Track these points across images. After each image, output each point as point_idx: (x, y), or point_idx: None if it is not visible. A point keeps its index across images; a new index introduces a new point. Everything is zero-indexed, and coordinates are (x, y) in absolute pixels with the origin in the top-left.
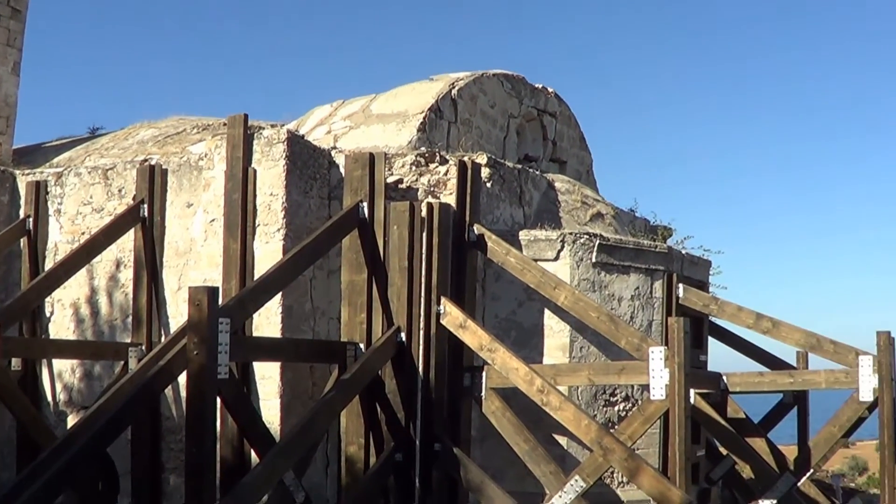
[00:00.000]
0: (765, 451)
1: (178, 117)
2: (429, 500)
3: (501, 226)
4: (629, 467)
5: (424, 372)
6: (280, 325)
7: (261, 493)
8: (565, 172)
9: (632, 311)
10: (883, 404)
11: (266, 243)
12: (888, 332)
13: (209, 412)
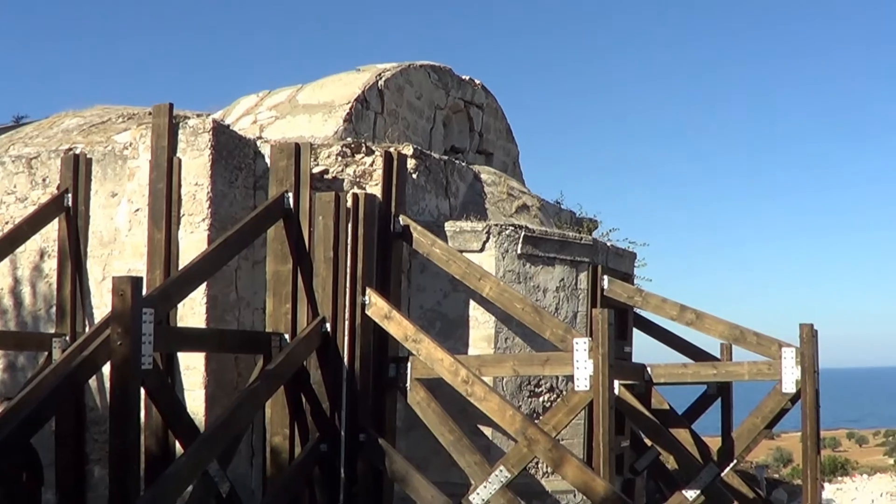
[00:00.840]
0: (689, 442)
1: (104, 106)
2: (354, 490)
3: (427, 217)
4: (553, 458)
5: (349, 362)
6: (205, 316)
7: (185, 483)
8: (492, 164)
9: (557, 302)
10: (805, 396)
11: (191, 233)
12: (811, 324)
13: (133, 403)
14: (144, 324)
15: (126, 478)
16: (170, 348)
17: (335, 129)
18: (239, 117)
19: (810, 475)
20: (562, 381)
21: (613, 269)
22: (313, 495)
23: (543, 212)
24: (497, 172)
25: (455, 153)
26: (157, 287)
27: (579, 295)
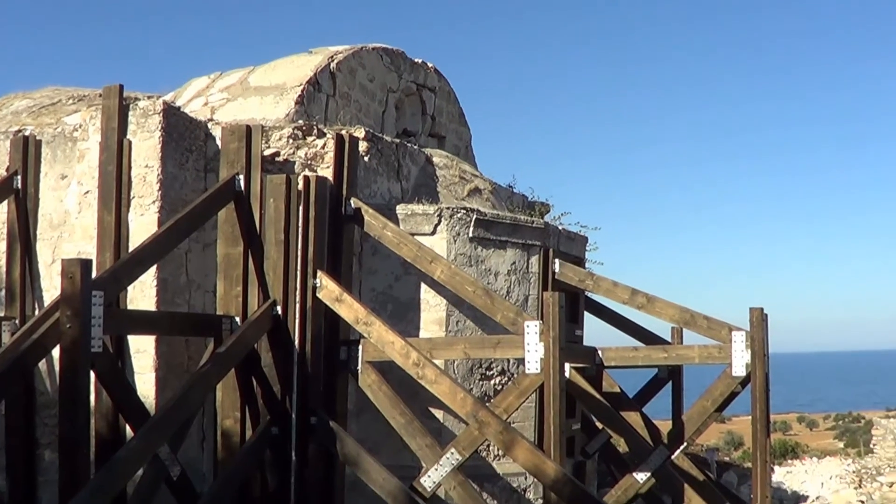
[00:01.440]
0: (639, 425)
1: (54, 88)
2: (305, 473)
3: (379, 200)
4: (504, 440)
5: (300, 345)
6: (155, 299)
7: (135, 467)
8: (444, 148)
9: (508, 285)
10: (755, 379)
11: (141, 215)
12: (761, 308)
13: (83, 386)
14: (94, 306)
15: (76, 462)
16: (120, 331)
17: (287, 112)
18: (190, 99)
19: (760, 458)
20: (513, 364)
21: (565, 252)
22: (264, 478)
23: (495, 195)
24: (449, 156)
25: (407, 136)
26: (107, 269)
27: (531, 278)
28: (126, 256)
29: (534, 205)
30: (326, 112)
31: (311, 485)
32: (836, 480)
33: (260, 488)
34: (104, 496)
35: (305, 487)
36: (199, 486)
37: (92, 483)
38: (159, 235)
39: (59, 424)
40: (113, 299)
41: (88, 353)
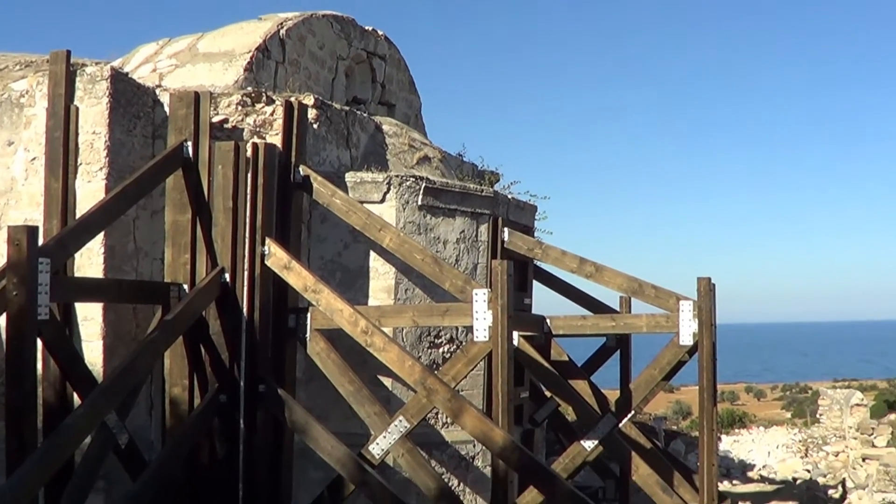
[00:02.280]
0: (587, 394)
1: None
2: (253, 441)
3: (328, 168)
4: (452, 408)
5: (249, 313)
6: (102, 266)
7: (83, 435)
8: (394, 116)
9: (457, 254)
10: (702, 348)
11: (88, 182)
12: (708, 277)
13: (29, 354)
14: (41, 274)
15: (23, 430)
16: (67, 298)
17: (236, 79)
18: (138, 65)
19: (707, 426)
20: (462, 332)
21: (514, 221)
22: (213, 446)
23: (445, 164)
24: (399, 124)
25: (357, 104)
26: (54, 237)
27: (479, 247)
28: (73, 223)
29: (483, 174)
30: (276, 79)
31: (259, 452)
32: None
33: (208, 456)
34: (51, 464)
35: (254, 455)
36: (147, 454)
37: (39, 451)
38: (107, 202)
39: (5, 393)
40: (60, 267)
41: (35, 320)
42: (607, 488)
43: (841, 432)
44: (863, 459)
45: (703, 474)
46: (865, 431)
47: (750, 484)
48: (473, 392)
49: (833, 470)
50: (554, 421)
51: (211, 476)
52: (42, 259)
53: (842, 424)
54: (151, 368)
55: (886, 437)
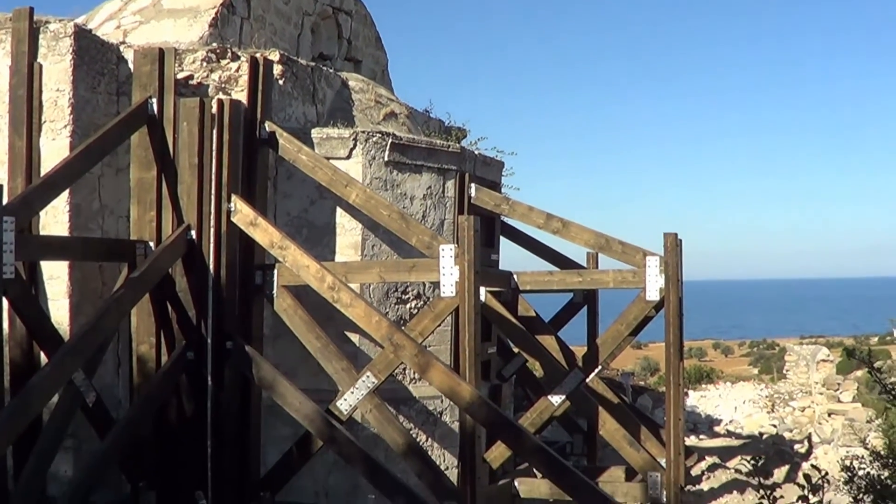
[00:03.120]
0: (554, 349)
1: None
2: (221, 397)
3: (294, 124)
4: (420, 363)
5: (215, 270)
6: (67, 224)
7: (50, 393)
8: (360, 72)
9: (424, 210)
10: (669, 304)
11: (52, 140)
12: (675, 233)
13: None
14: (5, 232)
15: None
16: (32, 257)
17: (200, 35)
18: (102, 22)
19: (673, 381)
20: (429, 287)
21: (481, 177)
22: (181, 403)
23: (412, 120)
24: (365, 80)
25: (323, 60)
26: (18, 195)
27: (446, 203)
28: (38, 181)
29: (450, 130)
30: (241, 35)
31: (227, 409)
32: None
33: (176, 413)
34: (19, 422)
35: (222, 412)
36: (114, 411)
37: (6, 409)
38: (71, 160)
39: None
40: (25, 225)
41: (0, 279)
42: (575, 443)
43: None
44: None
45: (670, 429)
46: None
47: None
48: (441, 348)
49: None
50: (521, 376)
51: (179, 433)
52: (6, 217)
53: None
54: (118, 326)
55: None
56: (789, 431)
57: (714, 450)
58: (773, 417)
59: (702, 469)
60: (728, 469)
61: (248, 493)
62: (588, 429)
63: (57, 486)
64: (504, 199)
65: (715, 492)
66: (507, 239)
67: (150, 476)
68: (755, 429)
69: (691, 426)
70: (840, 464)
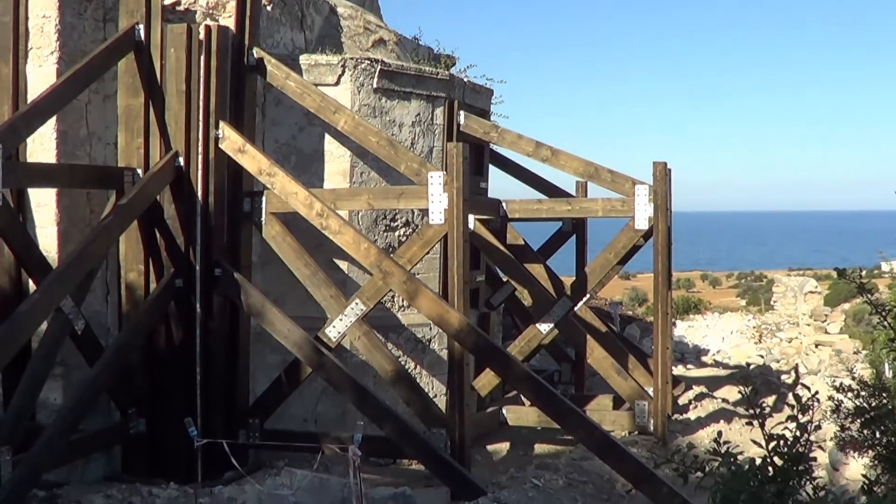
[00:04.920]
0: (543, 277)
1: None
2: (210, 324)
3: (282, 50)
4: (408, 290)
5: (203, 197)
6: (55, 151)
7: (39, 320)
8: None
9: (413, 137)
10: (657, 233)
11: (39, 67)
12: (664, 162)
13: None
14: None
15: None
16: (19, 184)
17: None
18: None
19: (661, 310)
20: (417, 215)
21: (470, 105)
22: (169, 331)
23: (401, 47)
24: (354, 6)
25: None
26: (5, 122)
27: (435, 130)
28: (24, 108)
29: (439, 57)
30: None
31: (216, 336)
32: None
33: (165, 340)
34: (7, 350)
35: (210, 339)
36: (103, 339)
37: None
38: (58, 87)
39: None
40: (12, 152)
41: None
42: (563, 371)
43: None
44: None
45: (658, 357)
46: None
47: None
48: (429, 276)
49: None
50: (510, 305)
51: (168, 360)
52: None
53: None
54: (106, 253)
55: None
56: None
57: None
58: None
59: (689, 398)
60: (715, 399)
61: (237, 419)
62: (576, 357)
63: (46, 414)
64: (493, 127)
65: (702, 421)
66: (496, 167)
67: (140, 403)
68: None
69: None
70: (829, 390)
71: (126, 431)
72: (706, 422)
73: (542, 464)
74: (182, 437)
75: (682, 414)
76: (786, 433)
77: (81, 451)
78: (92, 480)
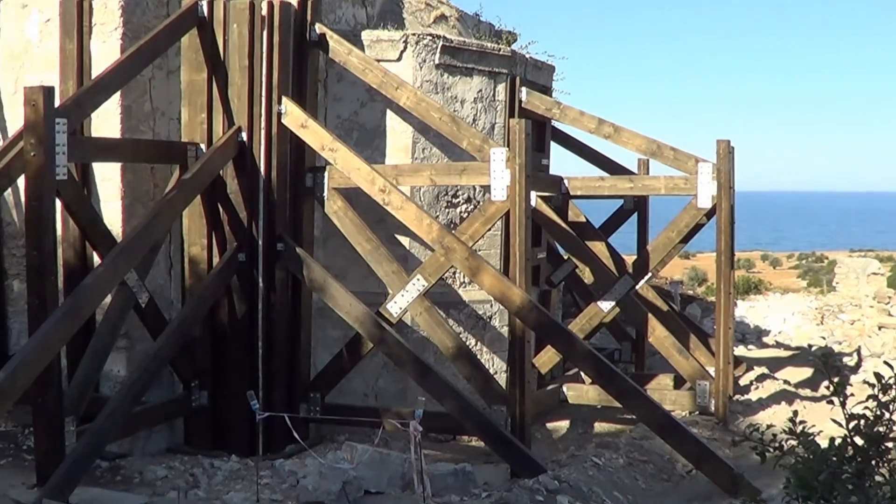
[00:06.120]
0: (604, 255)
1: None
2: (272, 299)
3: (344, 26)
4: (470, 266)
5: (266, 172)
6: (119, 126)
7: (103, 293)
8: None
9: (475, 113)
10: (721, 211)
11: (103, 42)
12: (728, 140)
13: (48, 213)
14: (58, 134)
15: (44, 289)
16: (84, 158)
17: None
18: None
19: (724, 289)
20: (479, 191)
21: (532, 81)
22: (232, 304)
23: (462, 23)
24: None
25: None
26: (70, 97)
27: (497, 106)
28: (89, 84)
29: (501, 33)
30: None
31: (278, 311)
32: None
33: (227, 314)
34: (73, 322)
35: (273, 313)
36: (166, 312)
37: (60, 309)
38: (122, 62)
39: (26, 253)
40: (77, 126)
41: (53, 180)
42: (623, 350)
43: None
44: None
45: (720, 337)
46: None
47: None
48: (490, 252)
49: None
50: (570, 282)
51: (230, 334)
52: (59, 119)
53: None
54: (170, 228)
55: None
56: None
57: (762, 360)
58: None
59: (750, 379)
60: (777, 380)
61: (298, 394)
62: (636, 336)
63: (110, 386)
64: (555, 104)
65: (763, 402)
66: (558, 144)
67: (202, 376)
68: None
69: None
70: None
71: (188, 404)
72: (767, 403)
73: (602, 442)
74: (244, 410)
75: (744, 395)
76: (866, 413)
77: (144, 422)
78: (154, 452)
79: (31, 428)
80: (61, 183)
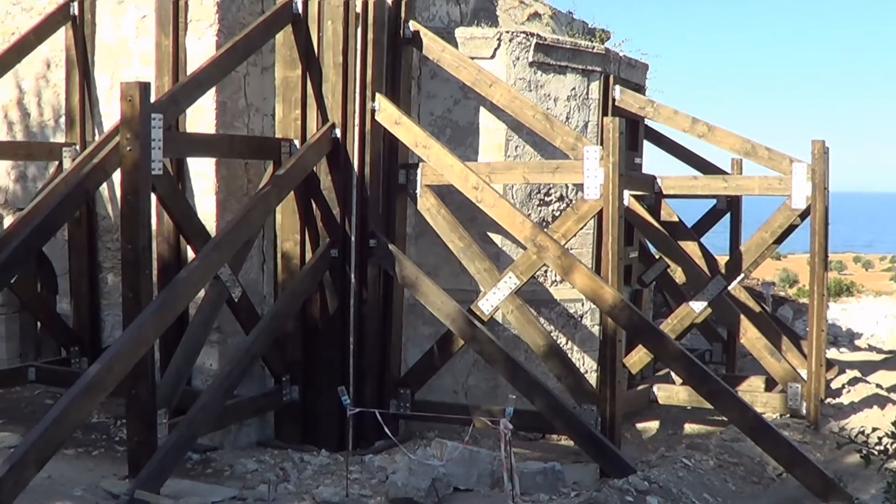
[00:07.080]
0: (697, 255)
1: None
2: (364, 294)
3: (437, 23)
4: (563, 265)
5: (359, 168)
6: (214, 122)
7: (197, 287)
8: None
9: (568, 111)
10: (815, 212)
11: (199, 39)
12: (822, 140)
13: (143, 208)
14: (154, 129)
15: (139, 283)
16: (179, 154)
17: None
18: None
19: (817, 291)
20: (571, 190)
21: (625, 79)
22: (324, 300)
23: (555, 21)
24: None
25: None
26: (166, 93)
27: (590, 104)
28: (184, 80)
29: (594, 31)
30: None
31: (370, 307)
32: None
33: (319, 309)
34: (167, 315)
35: (364, 309)
36: (259, 307)
37: (155, 302)
38: (217, 58)
39: (121, 247)
40: (172, 122)
41: (149, 175)
42: (714, 351)
43: None
44: None
45: (812, 340)
46: None
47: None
48: (582, 251)
49: None
50: (662, 282)
51: (322, 329)
52: (154, 115)
53: None
54: (263, 223)
55: None
56: None
57: (855, 363)
58: None
59: (842, 382)
60: (869, 383)
61: (388, 390)
62: (728, 337)
63: (202, 379)
64: (649, 102)
65: (855, 406)
66: (651, 143)
67: (294, 370)
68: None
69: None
70: None
71: (279, 398)
72: (859, 407)
73: (692, 444)
74: (334, 405)
75: (835, 398)
76: None
77: (235, 416)
78: (245, 445)
79: (123, 419)
80: (156, 178)
